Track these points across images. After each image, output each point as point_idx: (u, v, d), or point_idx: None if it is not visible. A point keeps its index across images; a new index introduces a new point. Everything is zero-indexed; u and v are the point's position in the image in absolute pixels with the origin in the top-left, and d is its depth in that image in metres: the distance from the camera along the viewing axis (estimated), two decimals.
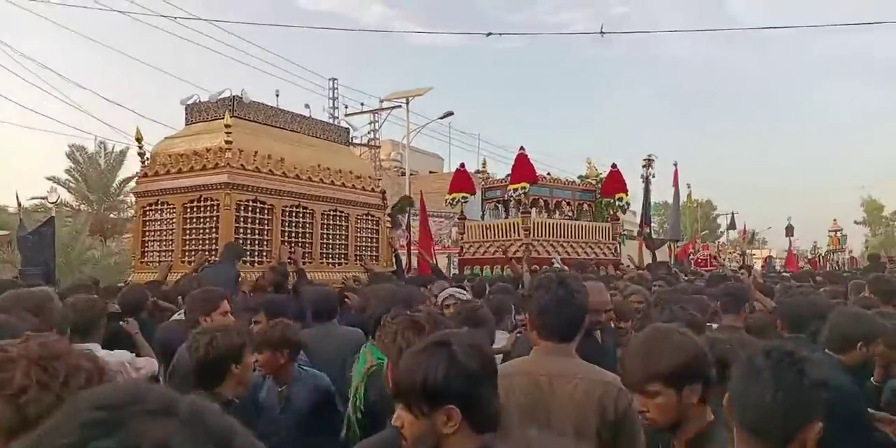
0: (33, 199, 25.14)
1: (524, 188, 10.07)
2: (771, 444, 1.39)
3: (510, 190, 10.31)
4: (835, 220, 28.26)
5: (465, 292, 4.35)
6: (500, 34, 13.46)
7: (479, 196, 11.75)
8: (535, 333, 2.26)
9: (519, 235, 10.24)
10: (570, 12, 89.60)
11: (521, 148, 10.34)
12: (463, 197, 11.08)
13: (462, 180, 11.25)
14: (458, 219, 11.54)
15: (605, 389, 2.06)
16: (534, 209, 10.89)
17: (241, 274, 5.77)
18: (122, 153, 27.43)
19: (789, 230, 24.71)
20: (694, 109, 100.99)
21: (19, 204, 13.54)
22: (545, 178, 11.05)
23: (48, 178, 27.39)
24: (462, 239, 11.39)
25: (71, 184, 27.75)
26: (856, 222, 52.50)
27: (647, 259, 12.99)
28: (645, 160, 12.05)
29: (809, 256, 30.56)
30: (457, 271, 11.96)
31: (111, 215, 26.56)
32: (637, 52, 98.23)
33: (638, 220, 12.49)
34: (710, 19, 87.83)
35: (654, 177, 12.12)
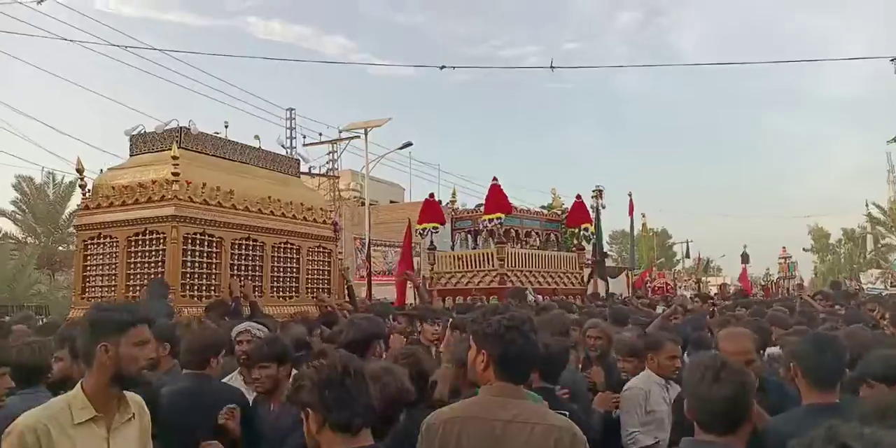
0: None
1: (499, 218, 10.15)
2: None
3: (485, 220, 10.37)
4: (784, 247, 29.04)
5: (262, 328, 4.13)
6: (454, 68, 13.69)
7: (449, 226, 11.76)
8: (489, 372, 2.17)
9: (493, 266, 10.27)
10: (525, 46, 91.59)
11: (494, 178, 10.47)
12: (433, 227, 11.07)
13: (432, 211, 11.27)
14: (428, 249, 11.50)
15: (559, 434, 2.02)
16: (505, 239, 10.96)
17: (176, 309, 5.64)
18: (72, 184, 26.76)
19: (745, 257, 25.34)
20: (647, 140, 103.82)
21: None
22: (515, 208, 11.15)
23: None
24: (432, 269, 11.34)
25: (17, 215, 26.92)
26: (804, 249, 54.11)
27: (602, 288, 13.16)
28: (594, 191, 12.30)
29: (762, 283, 31.28)
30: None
31: (60, 248, 25.74)
32: (590, 85, 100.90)
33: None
34: (659, 55, 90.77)
35: (603, 207, 12.36)
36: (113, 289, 6.28)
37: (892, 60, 13.21)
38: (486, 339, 2.15)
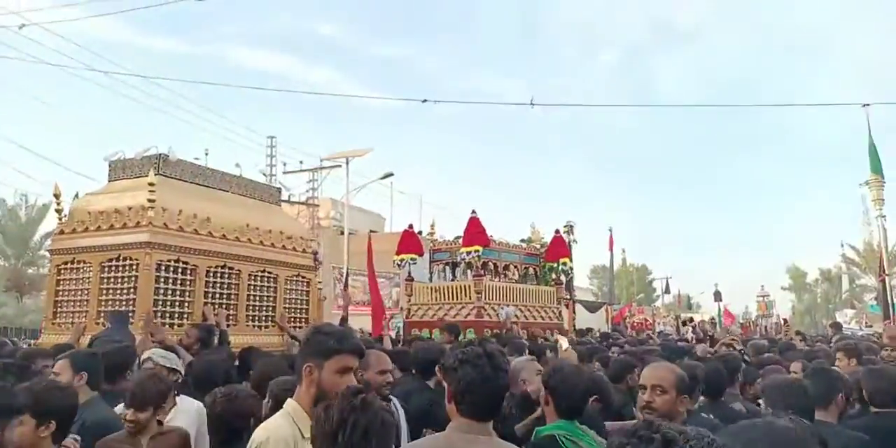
0: None
1: (477, 251, 10.13)
2: None
3: (462, 252, 10.33)
4: (762, 286, 29.40)
5: (167, 356, 4.04)
6: (435, 102, 13.75)
7: (427, 257, 11.70)
8: (454, 408, 2.14)
9: (471, 298, 10.20)
10: (508, 80, 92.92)
11: (473, 211, 10.47)
12: (411, 258, 11.02)
13: (410, 241, 11.22)
14: (406, 280, 11.41)
15: None
16: (483, 272, 10.92)
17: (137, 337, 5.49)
18: (45, 207, 26.48)
19: (717, 295, 25.57)
20: (629, 176, 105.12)
21: None
22: (494, 241, 11.14)
23: None
24: (409, 301, 11.24)
25: None
26: (783, 288, 54.76)
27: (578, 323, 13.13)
28: (566, 226, 12.34)
29: (741, 321, 31.49)
30: (402, 333, 11.75)
31: (29, 271, 25.25)
32: (573, 120, 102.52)
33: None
34: (641, 92, 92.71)
35: (575, 242, 12.39)
36: (84, 314, 6.14)
37: (864, 106, 13.63)
38: (447, 373, 2.16)
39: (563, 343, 5.07)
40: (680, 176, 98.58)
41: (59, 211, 6.53)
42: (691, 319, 22.83)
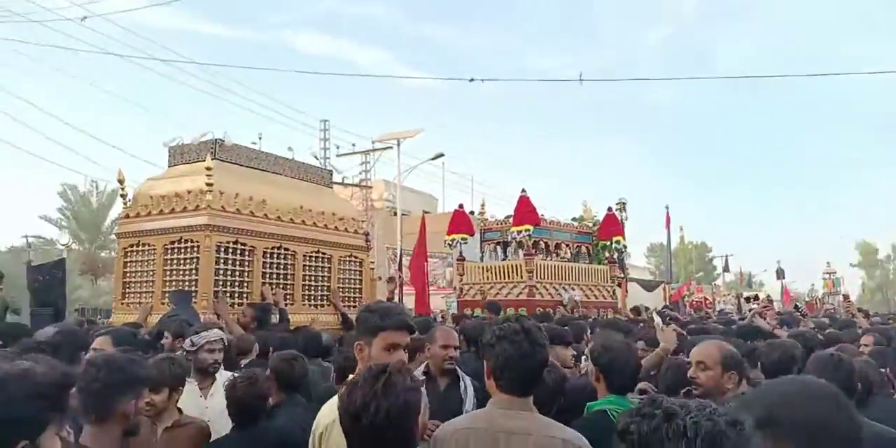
0: (25, 236, 25.13)
1: (528, 230, 10.11)
2: None
3: (513, 232, 10.33)
4: (828, 262, 28.27)
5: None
6: (483, 80, 13.61)
7: (478, 237, 11.74)
8: (493, 384, 2.19)
9: (522, 277, 10.22)
10: (557, 58, 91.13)
11: (523, 190, 10.44)
12: (462, 238, 11.09)
13: (461, 221, 11.28)
14: (457, 260, 11.49)
15: (562, 446, 1.99)
16: (534, 251, 10.89)
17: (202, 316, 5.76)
18: (114, 192, 27.62)
19: (780, 273, 24.75)
20: (685, 152, 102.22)
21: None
22: (545, 220, 11.08)
23: (40, 217, 27.48)
24: (461, 280, 11.33)
25: (62, 222, 27.85)
26: (851, 265, 52.58)
27: (634, 303, 12.95)
28: (618, 204, 12.14)
29: (807, 299, 30.44)
30: (455, 312, 11.86)
31: (102, 254, 26.49)
32: (624, 97, 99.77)
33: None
34: (694, 68, 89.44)
35: (626, 220, 12.18)
36: (150, 295, 6.42)
37: None
38: (485, 350, 2.20)
39: (658, 321, 5.03)
40: (740, 151, 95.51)
41: (123, 196, 6.83)
42: (756, 297, 22.20)
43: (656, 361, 3.87)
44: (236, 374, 3.29)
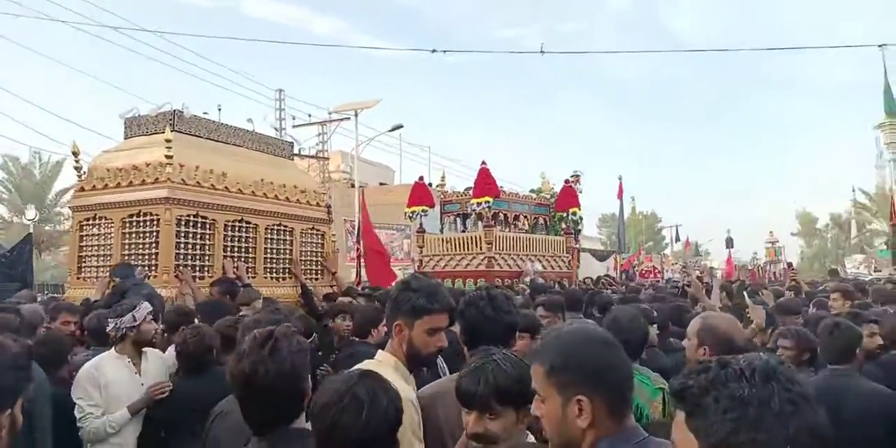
0: None
1: (488, 202, 10.22)
2: None
3: (473, 204, 10.43)
4: (771, 232, 29.39)
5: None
6: (444, 51, 13.55)
7: (438, 209, 11.81)
8: (465, 348, 2.40)
9: (481, 249, 10.36)
10: (517, 29, 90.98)
11: (483, 162, 10.51)
12: (423, 210, 11.13)
13: (421, 193, 11.30)
14: (417, 232, 11.56)
15: None
16: (493, 223, 11.04)
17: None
18: (59, 164, 26.64)
19: (729, 242, 25.66)
20: (638, 123, 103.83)
21: None
22: (504, 192, 11.21)
23: None
24: (421, 252, 11.42)
25: (3, 195, 26.77)
26: (792, 234, 54.63)
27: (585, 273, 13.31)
28: (572, 176, 12.35)
29: (749, 267, 31.64)
30: None
31: (46, 227, 25.63)
32: (582, 67, 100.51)
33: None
34: (653, 36, 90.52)
35: (581, 192, 12.41)
36: (107, 269, 6.33)
37: (880, 47, 13.37)
38: (459, 317, 2.36)
39: (749, 301, 5.35)
40: (692, 123, 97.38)
41: (78, 168, 6.65)
42: (703, 265, 23.01)
43: (750, 336, 4.10)
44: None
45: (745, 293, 6.67)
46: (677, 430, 1.10)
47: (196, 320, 4.35)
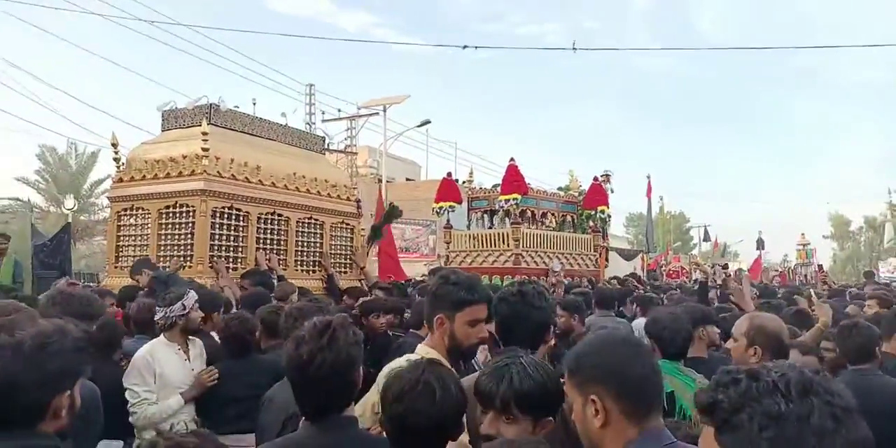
0: (1, 199, 24.75)
1: (515, 199, 10.21)
2: None
3: (501, 200, 10.43)
4: (802, 234, 28.76)
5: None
6: (476, 47, 13.56)
7: (465, 205, 11.82)
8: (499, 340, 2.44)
9: (508, 246, 10.37)
10: (546, 24, 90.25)
11: (512, 159, 10.48)
12: (450, 206, 11.16)
13: (449, 189, 11.30)
14: (445, 228, 11.59)
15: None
16: (521, 220, 11.01)
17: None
18: (94, 155, 27.16)
19: (760, 243, 25.21)
20: (668, 121, 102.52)
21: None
22: (532, 189, 11.19)
23: (17, 179, 27.01)
24: (448, 248, 11.47)
25: (41, 185, 27.37)
26: (824, 236, 53.58)
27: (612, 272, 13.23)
28: (603, 175, 12.25)
29: (779, 269, 31.07)
30: None
31: (82, 217, 26.15)
32: (611, 64, 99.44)
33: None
34: (680, 36, 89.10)
35: (612, 191, 12.32)
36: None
37: None
38: (493, 312, 2.40)
39: (815, 298, 5.26)
40: (721, 123, 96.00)
41: (116, 159, 6.82)
42: (726, 266, 22.70)
43: (817, 336, 3.99)
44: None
45: (811, 292, 6.52)
46: (705, 445, 1.04)
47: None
